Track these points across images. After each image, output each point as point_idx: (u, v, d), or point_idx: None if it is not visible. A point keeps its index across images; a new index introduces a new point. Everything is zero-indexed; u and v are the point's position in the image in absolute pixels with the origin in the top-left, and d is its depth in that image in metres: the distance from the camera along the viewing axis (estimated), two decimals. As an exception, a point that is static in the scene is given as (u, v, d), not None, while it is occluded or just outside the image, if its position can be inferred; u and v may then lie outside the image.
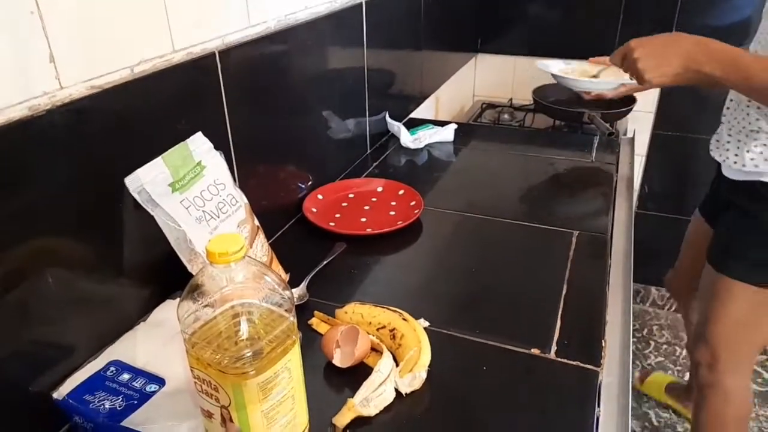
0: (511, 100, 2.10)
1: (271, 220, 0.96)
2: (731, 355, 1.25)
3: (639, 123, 2.04)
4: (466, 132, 1.41)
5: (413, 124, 1.42)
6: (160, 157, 0.68)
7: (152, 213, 0.65)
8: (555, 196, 1.12)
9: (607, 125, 1.53)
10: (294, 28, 0.93)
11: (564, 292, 0.81)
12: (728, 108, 1.16)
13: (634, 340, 2.15)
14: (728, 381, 1.27)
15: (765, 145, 1.08)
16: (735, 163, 1.13)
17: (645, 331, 2.20)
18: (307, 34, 0.98)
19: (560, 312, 0.77)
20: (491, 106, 2.11)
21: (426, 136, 1.33)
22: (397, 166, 1.25)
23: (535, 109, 1.90)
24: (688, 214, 1.47)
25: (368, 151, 1.30)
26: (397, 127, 1.33)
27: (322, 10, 1.02)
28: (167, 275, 0.70)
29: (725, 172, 1.19)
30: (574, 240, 0.94)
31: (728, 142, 1.15)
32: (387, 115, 1.36)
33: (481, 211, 1.04)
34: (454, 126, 1.35)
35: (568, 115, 1.77)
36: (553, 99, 1.87)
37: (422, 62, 1.60)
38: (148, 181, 0.66)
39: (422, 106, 1.66)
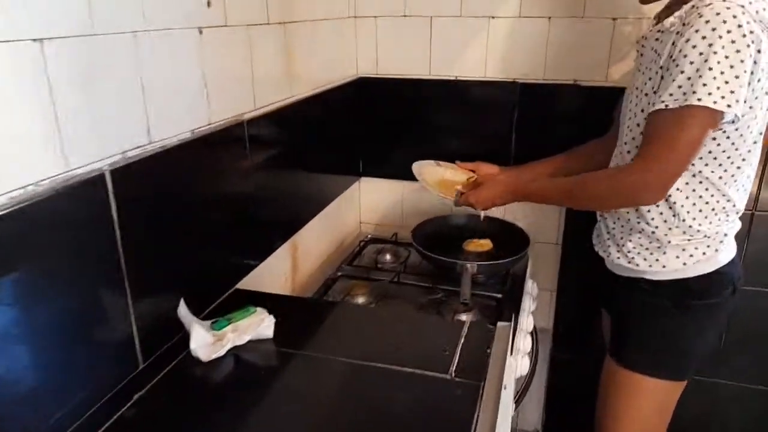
0: (395, 234, 1.78)
1: None
2: None
3: (543, 258, 1.77)
4: (296, 318, 1.05)
5: (233, 304, 1.06)
6: None
7: None
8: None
9: (468, 294, 1.34)
10: None
11: None
12: None
13: None
14: None
15: (641, 243, 1.18)
16: (618, 258, 1.22)
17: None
18: None
19: None
20: (374, 241, 1.79)
21: (232, 336, 0.95)
22: (173, 399, 0.85)
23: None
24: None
25: (140, 367, 0.91)
26: (188, 323, 0.96)
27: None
28: None
29: (610, 267, 1.29)
30: None
31: (608, 238, 1.25)
32: (182, 303, 0.98)
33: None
34: (272, 320, 0.98)
35: (445, 266, 1.47)
36: (437, 239, 1.58)
37: (270, 200, 1.28)
38: None
39: (274, 257, 1.31)
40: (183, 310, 0.98)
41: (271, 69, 1.26)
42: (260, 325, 0.98)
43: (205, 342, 0.93)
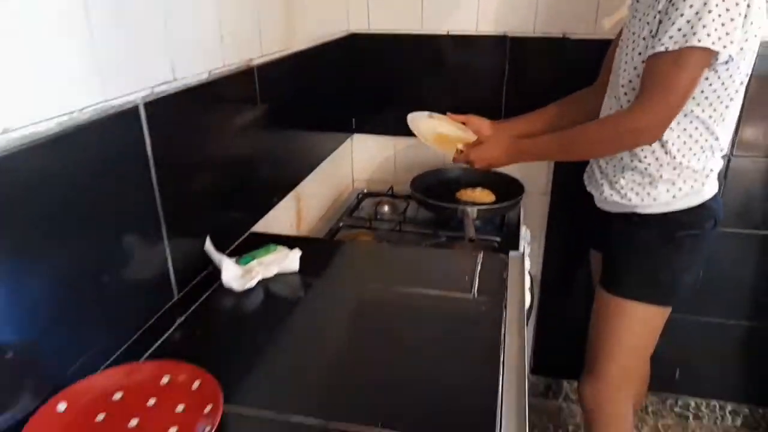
0: (392, 188, 1.83)
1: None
2: (622, 378, 1.41)
3: (531, 207, 1.84)
4: (318, 255, 1.09)
5: (251, 245, 1.08)
6: None
7: None
8: (425, 364, 0.80)
9: (473, 232, 1.40)
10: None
11: None
12: None
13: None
14: (619, 404, 1.43)
15: (633, 179, 1.26)
16: (611, 195, 1.30)
17: (560, 439, 1.94)
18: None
19: None
20: (370, 195, 1.83)
21: (260, 269, 0.99)
22: (213, 323, 0.89)
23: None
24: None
25: (175, 298, 0.93)
26: (218, 258, 0.98)
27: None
28: None
29: (601, 204, 1.37)
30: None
31: (600, 177, 1.33)
32: (208, 240, 1.01)
33: (325, 409, 0.70)
34: (297, 253, 1.02)
35: (445, 212, 1.53)
36: (433, 191, 1.63)
37: (275, 150, 1.30)
38: None
39: (278, 209, 1.34)
40: (210, 247, 1.00)
41: (273, 18, 1.26)
42: (286, 259, 1.02)
43: (235, 275, 0.96)
